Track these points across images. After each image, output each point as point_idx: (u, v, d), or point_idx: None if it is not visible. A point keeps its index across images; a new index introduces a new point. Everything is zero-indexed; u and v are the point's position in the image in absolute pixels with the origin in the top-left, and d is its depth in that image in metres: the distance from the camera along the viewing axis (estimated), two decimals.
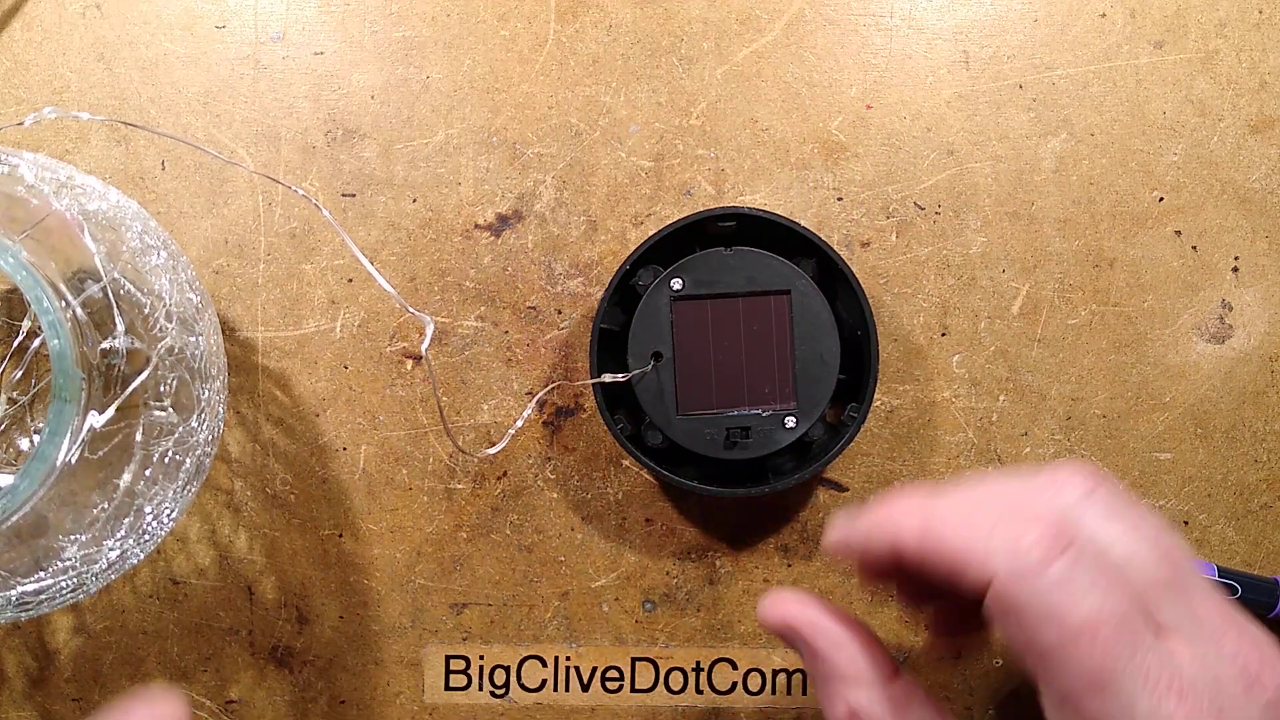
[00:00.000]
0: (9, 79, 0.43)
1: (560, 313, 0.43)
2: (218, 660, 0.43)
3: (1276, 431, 0.42)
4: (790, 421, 0.38)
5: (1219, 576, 0.40)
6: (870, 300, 0.38)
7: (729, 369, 0.38)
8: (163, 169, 0.43)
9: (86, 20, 0.43)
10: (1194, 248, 0.42)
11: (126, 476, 0.27)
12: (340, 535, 0.42)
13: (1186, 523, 0.42)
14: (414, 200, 0.43)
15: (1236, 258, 0.42)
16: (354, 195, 0.43)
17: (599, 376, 0.38)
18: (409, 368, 0.43)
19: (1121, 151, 0.42)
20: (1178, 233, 0.42)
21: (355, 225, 0.43)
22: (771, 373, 0.38)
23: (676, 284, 0.38)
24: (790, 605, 0.28)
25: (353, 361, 0.43)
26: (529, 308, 0.43)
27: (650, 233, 0.39)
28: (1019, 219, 0.42)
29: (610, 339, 0.40)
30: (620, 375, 0.38)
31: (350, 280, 0.43)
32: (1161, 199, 0.42)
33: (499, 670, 0.43)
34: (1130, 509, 0.24)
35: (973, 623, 0.28)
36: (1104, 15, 0.42)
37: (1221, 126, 0.42)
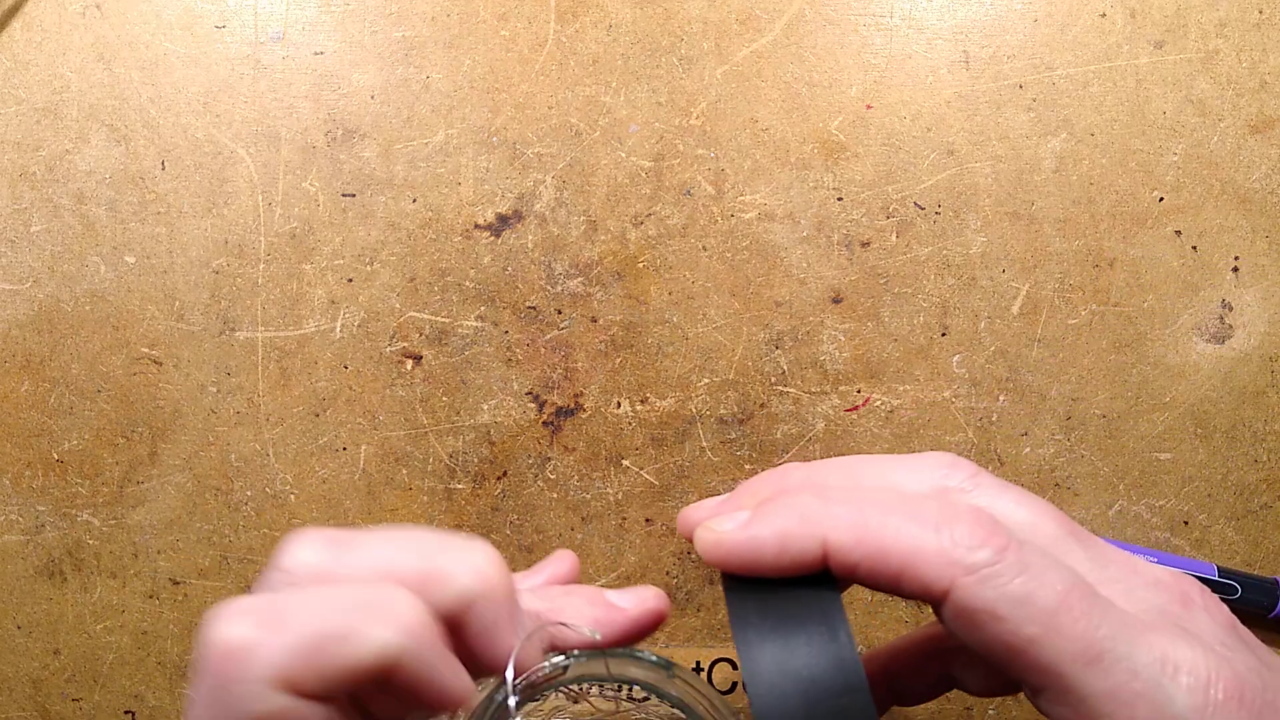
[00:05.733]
0: (9, 79, 0.43)
1: (560, 313, 0.43)
2: None
3: (1276, 431, 0.42)
4: None
5: (1219, 576, 0.40)
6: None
7: None
8: (162, 169, 0.43)
9: (86, 20, 0.43)
10: (1194, 248, 0.42)
11: None
12: None
13: (1186, 523, 0.42)
14: (414, 200, 0.43)
15: (1236, 258, 0.42)
16: (354, 195, 0.43)
17: None
18: (409, 368, 0.43)
19: (1121, 151, 0.42)
20: (1178, 233, 0.42)
21: (355, 225, 0.43)
22: None
23: None
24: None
25: (353, 361, 0.43)
26: (529, 308, 0.43)
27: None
28: (1019, 219, 0.42)
29: None
30: None
31: (350, 280, 0.43)
32: (1161, 199, 0.42)
33: None
34: (999, 480, 0.24)
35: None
36: (1104, 15, 0.42)
37: (1221, 126, 0.42)
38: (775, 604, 0.22)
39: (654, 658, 0.25)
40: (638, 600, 0.25)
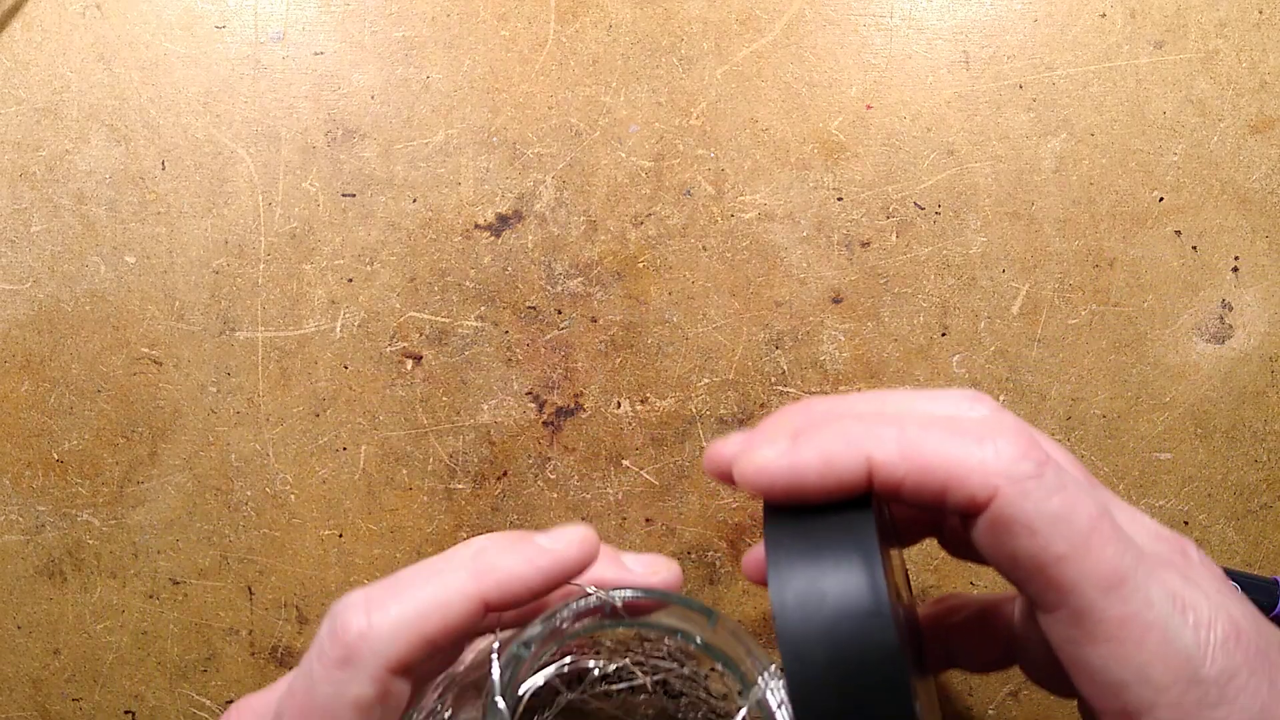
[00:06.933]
0: (9, 79, 0.43)
1: (560, 313, 0.43)
2: (218, 660, 0.43)
3: (1276, 431, 0.42)
4: None
5: None
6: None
7: None
8: (163, 169, 0.43)
9: (86, 20, 0.43)
10: (1194, 248, 0.42)
11: None
12: (340, 535, 0.42)
13: (1186, 523, 0.42)
14: (414, 200, 0.43)
15: (1236, 258, 0.42)
16: (354, 195, 0.43)
17: None
18: (409, 368, 0.43)
19: (1121, 151, 0.42)
20: (1178, 233, 0.42)
21: (355, 225, 0.43)
22: None
23: None
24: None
25: (353, 361, 0.43)
26: (529, 308, 0.43)
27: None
28: (1019, 219, 0.42)
29: None
30: None
31: (350, 280, 0.43)
32: (1161, 199, 0.42)
33: None
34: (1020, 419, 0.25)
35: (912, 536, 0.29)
36: (1104, 15, 0.42)
37: (1221, 126, 0.42)
38: (809, 531, 0.22)
39: (698, 604, 0.25)
40: (648, 569, 0.26)
